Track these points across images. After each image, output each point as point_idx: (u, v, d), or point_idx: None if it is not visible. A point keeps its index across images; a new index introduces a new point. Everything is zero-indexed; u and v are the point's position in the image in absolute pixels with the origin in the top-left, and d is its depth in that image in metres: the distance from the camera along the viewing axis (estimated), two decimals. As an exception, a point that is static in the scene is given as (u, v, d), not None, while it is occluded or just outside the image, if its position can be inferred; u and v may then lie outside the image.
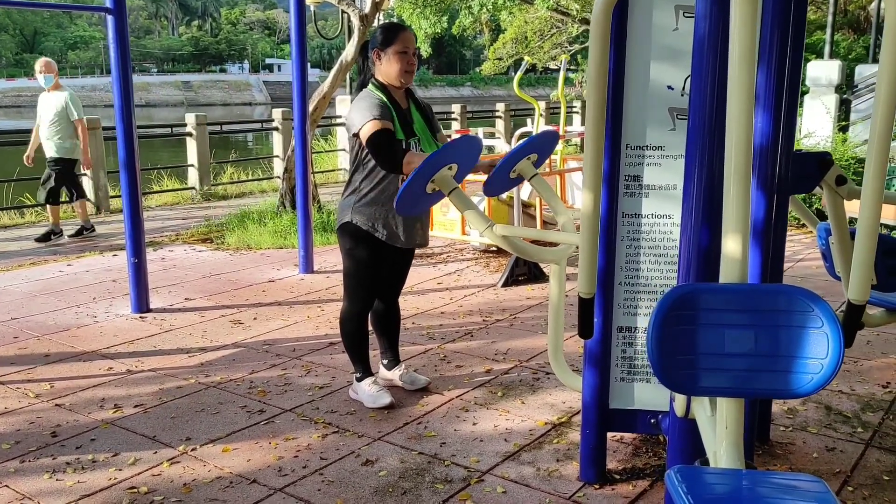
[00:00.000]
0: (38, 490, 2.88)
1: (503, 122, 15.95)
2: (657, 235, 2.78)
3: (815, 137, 8.65)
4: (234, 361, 4.24)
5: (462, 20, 18.81)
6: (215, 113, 43.75)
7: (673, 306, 1.83)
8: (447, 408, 3.59)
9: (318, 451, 3.17)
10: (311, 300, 5.45)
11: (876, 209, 1.87)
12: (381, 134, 3.23)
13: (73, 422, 3.47)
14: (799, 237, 7.22)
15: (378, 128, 3.23)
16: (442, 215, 6.95)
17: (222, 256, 6.91)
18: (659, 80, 2.65)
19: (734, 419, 1.87)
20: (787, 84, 2.55)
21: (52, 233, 7.75)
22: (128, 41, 4.98)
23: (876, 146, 1.84)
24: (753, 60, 1.76)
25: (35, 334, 4.74)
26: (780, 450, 3.14)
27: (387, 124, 3.26)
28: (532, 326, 4.79)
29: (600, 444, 2.89)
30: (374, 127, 3.23)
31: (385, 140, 3.23)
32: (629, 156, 2.72)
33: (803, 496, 1.71)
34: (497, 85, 69.23)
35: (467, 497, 2.80)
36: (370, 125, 3.24)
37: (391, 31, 3.38)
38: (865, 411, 3.51)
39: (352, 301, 3.57)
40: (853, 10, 19.15)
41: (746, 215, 1.81)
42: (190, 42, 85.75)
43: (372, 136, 3.23)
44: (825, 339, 1.79)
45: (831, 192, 2.99)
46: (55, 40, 78.84)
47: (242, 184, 11.60)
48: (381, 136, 3.23)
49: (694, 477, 1.78)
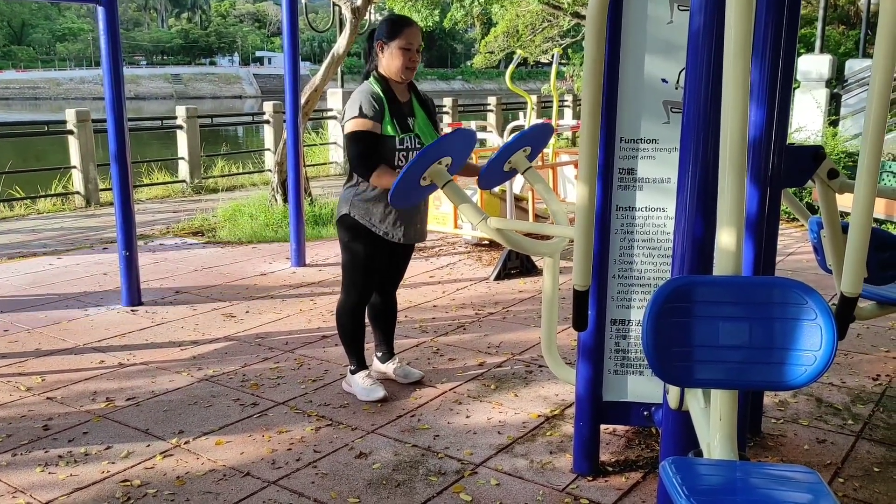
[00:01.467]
0: (30, 483, 2.87)
1: (495, 115, 15.95)
2: (651, 228, 2.78)
3: (806, 132, 8.69)
4: (226, 355, 4.23)
5: (453, 13, 18.78)
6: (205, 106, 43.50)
7: (668, 298, 1.84)
8: (440, 401, 3.60)
9: (311, 443, 3.17)
10: (304, 293, 5.44)
11: (869, 202, 1.88)
12: (361, 135, 3.24)
13: (64, 415, 3.46)
14: (790, 231, 7.26)
15: (360, 127, 3.23)
16: (435, 209, 6.94)
17: (214, 250, 6.89)
18: (653, 74, 2.65)
19: (728, 411, 1.88)
20: (781, 78, 2.56)
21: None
22: (118, 33, 4.94)
23: (869, 140, 1.85)
24: (748, 54, 1.77)
25: (26, 328, 4.72)
26: (771, 442, 3.16)
27: (372, 125, 3.25)
28: (525, 319, 4.80)
29: (594, 436, 2.90)
30: (356, 125, 3.23)
31: (362, 142, 3.24)
32: (623, 149, 2.73)
33: (797, 487, 1.73)
34: (488, 79, 69.18)
35: (461, 489, 2.81)
36: (354, 122, 3.24)
37: (397, 24, 3.34)
38: (856, 404, 3.54)
39: (348, 293, 3.57)
40: (843, 5, 19.22)
41: (741, 208, 1.82)
42: (179, 34, 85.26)
43: (352, 133, 3.24)
44: (819, 332, 1.81)
45: (823, 186, 3.01)
46: (43, 32, 78.27)
47: (233, 177, 11.56)
48: (360, 136, 3.24)
49: (688, 468, 1.79)
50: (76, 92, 61.10)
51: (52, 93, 60.18)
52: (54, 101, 55.97)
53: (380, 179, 3.22)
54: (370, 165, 3.23)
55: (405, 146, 3.31)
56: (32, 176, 11.23)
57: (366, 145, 3.24)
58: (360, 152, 3.24)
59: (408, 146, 3.32)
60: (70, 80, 64.22)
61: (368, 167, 3.23)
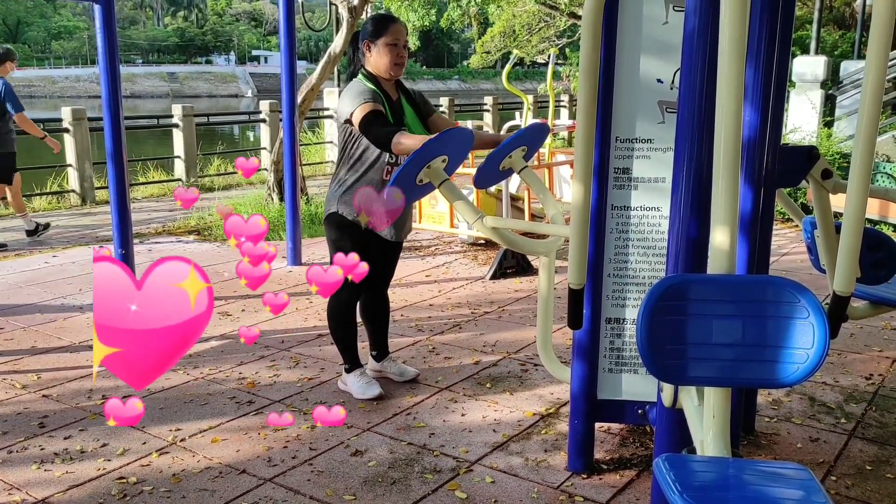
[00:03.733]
0: (25, 481, 2.87)
1: (491, 115, 15.96)
2: (646, 228, 2.80)
3: (801, 132, 8.72)
4: (222, 353, 4.24)
5: (450, 13, 18.79)
6: (201, 104, 43.45)
7: (663, 296, 1.85)
8: (436, 399, 3.61)
9: (307, 441, 3.18)
10: (300, 292, 5.44)
11: (862, 202, 1.90)
12: (373, 113, 3.25)
13: (60, 412, 3.46)
14: (784, 231, 7.28)
15: (370, 109, 3.25)
16: (431, 208, 6.96)
17: (210, 248, 6.89)
18: (649, 74, 2.67)
19: (721, 408, 1.89)
20: (775, 79, 2.58)
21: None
22: (115, 31, 4.95)
23: (862, 140, 1.87)
24: (743, 55, 1.78)
25: (21, 325, 4.72)
26: (765, 440, 3.18)
27: (377, 106, 3.28)
28: (520, 318, 4.82)
29: (588, 434, 2.92)
30: (365, 109, 3.25)
31: (377, 119, 3.25)
32: (619, 148, 2.74)
33: (789, 483, 1.74)
34: (485, 78, 69.22)
35: (456, 487, 2.82)
36: (362, 108, 3.25)
37: (382, 22, 3.38)
38: (849, 402, 3.56)
39: (338, 292, 3.56)
40: (839, 7, 19.29)
41: (735, 207, 1.84)
42: (175, 33, 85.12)
43: (364, 116, 3.25)
44: (811, 330, 1.82)
45: (817, 186, 3.03)
46: (39, 30, 78.02)
47: (230, 175, 11.55)
48: (373, 115, 3.24)
49: (681, 465, 1.81)
50: (72, 90, 60.96)
51: (47, 91, 60.06)
52: (50, 99, 55.86)
53: (405, 144, 3.12)
54: (391, 135, 3.18)
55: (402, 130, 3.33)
56: (28, 174, 11.18)
57: (379, 121, 3.24)
58: (379, 128, 3.21)
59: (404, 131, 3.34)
60: (66, 78, 64.06)
61: (390, 138, 3.18)
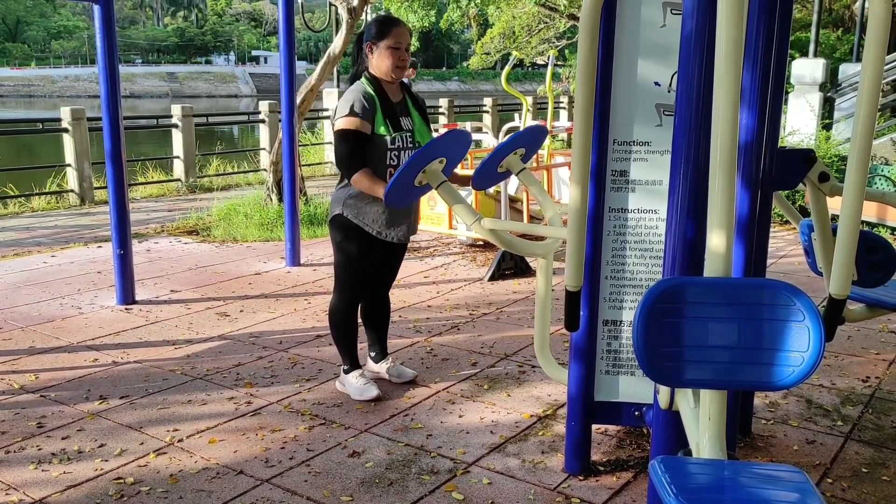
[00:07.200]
0: (23, 481, 2.87)
1: (490, 116, 15.97)
2: (643, 230, 2.80)
3: (800, 135, 8.72)
4: (220, 353, 4.24)
5: (450, 14, 18.77)
6: (200, 105, 43.45)
7: (659, 299, 1.86)
8: (434, 400, 3.61)
9: (304, 442, 3.18)
10: (298, 293, 5.45)
11: (858, 205, 1.90)
12: (350, 133, 3.25)
13: (58, 413, 3.47)
14: (782, 234, 7.29)
15: (350, 126, 3.25)
16: (429, 209, 6.96)
17: (208, 249, 6.89)
18: (646, 77, 2.67)
19: (717, 411, 1.90)
20: (773, 81, 2.58)
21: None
22: (115, 31, 4.94)
23: (858, 143, 1.88)
24: (740, 58, 1.79)
25: (19, 325, 4.72)
26: (761, 442, 3.19)
27: (361, 124, 3.27)
28: (518, 320, 4.82)
29: (585, 436, 2.92)
30: (346, 124, 3.26)
31: (350, 140, 3.25)
32: (616, 151, 2.75)
33: (784, 486, 1.75)
34: (484, 80, 69.26)
35: (453, 488, 2.82)
36: (345, 120, 3.26)
37: (385, 25, 3.37)
38: (845, 405, 3.56)
39: (341, 293, 3.58)
40: (838, 9, 19.30)
41: (731, 210, 1.84)
42: (175, 33, 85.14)
43: (341, 131, 3.27)
44: (807, 333, 1.83)
45: (814, 189, 3.03)
46: (38, 29, 78.04)
47: (228, 176, 11.55)
48: (348, 135, 3.26)
49: (677, 467, 1.81)
50: (71, 90, 60.93)
51: (46, 90, 60.03)
52: (49, 98, 55.84)
53: (360, 182, 3.25)
54: (355, 165, 3.25)
55: (397, 145, 3.33)
56: (27, 174, 11.23)
57: (353, 144, 3.26)
58: (348, 151, 3.26)
59: (399, 145, 3.34)
60: (65, 77, 64.03)
61: (353, 167, 3.25)
